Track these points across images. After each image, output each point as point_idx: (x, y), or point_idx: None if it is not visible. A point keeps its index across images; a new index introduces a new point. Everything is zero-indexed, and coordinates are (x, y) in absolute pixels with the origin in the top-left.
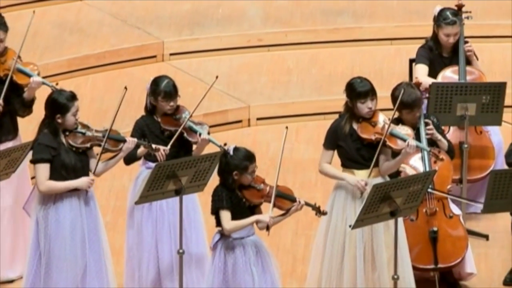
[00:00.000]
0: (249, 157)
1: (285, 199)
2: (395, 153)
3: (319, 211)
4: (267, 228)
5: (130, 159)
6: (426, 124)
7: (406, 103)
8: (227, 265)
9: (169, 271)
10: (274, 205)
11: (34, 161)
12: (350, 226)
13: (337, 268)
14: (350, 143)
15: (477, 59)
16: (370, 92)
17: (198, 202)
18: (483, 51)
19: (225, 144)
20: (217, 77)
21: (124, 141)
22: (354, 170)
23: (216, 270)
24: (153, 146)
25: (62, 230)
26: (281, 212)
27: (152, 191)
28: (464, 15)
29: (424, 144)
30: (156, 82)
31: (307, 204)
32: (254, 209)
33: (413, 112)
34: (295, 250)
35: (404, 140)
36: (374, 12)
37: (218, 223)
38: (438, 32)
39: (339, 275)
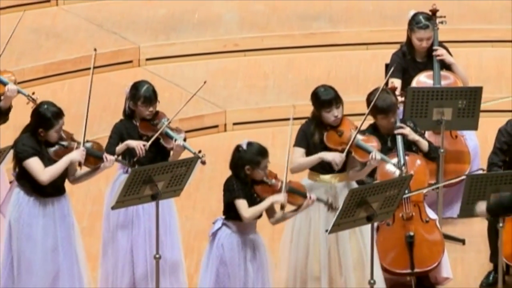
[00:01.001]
0: (262, 152)
1: (296, 194)
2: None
3: (331, 207)
4: (282, 207)
5: None
6: (401, 126)
7: (381, 108)
8: (225, 255)
9: (144, 276)
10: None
11: (23, 158)
12: (326, 230)
13: (302, 272)
14: (319, 151)
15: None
16: (334, 101)
17: (174, 208)
18: (459, 55)
19: (199, 152)
20: (205, 82)
21: (103, 159)
22: (320, 175)
23: (214, 258)
24: (132, 162)
25: (34, 234)
26: (293, 207)
27: (129, 196)
28: (438, 20)
29: (400, 150)
30: (136, 87)
31: (318, 199)
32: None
33: (388, 118)
34: (272, 256)
35: (369, 152)
36: (350, 17)
37: (227, 214)
38: (411, 36)
39: (304, 279)
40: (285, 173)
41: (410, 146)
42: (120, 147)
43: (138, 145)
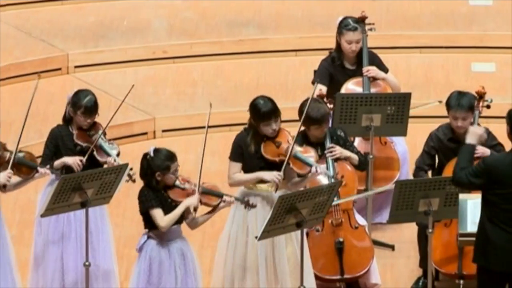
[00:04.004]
0: (170, 156)
1: (211, 195)
2: None
3: (248, 205)
4: (194, 209)
5: None
6: (331, 147)
7: (314, 119)
8: (152, 267)
9: (74, 283)
10: (201, 203)
11: None
12: (256, 237)
13: (239, 279)
14: (255, 161)
15: (387, 70)
16: (273, 114)
17: (107, 215)
18: (387, 61)
19: (131, 169)
20: (133, 85)
21: (35, 169)
22: (257, 184)
23: (141, 272)
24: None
25: None
26: (208, 209)
27: (58, 204)
28: (367, 27)
29: (330, 162)
30: (78, 95)
31: (236, 198)
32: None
33: (322, 127)
34: (201, 263)
35: (309, 165)
36: (279, 24)
37: (146, 224)
38: (340, 40)
39: (242, 286)
40: (198, 175)
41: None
42: (57, 164)
43: (75, 162)
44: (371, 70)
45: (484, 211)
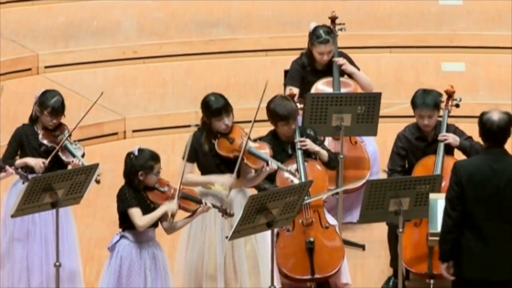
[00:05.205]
0: (154, 157)
1: (190, 200)
2: None
3: (225, 213)
4: (172, 215)
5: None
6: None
7: (282, 116)
8: (123, 267)
9: (39, 283)
10: (180, 207)
11: None
12: (226, 237)
13: (198, 278)
14: (210, 158)
15: (359, 69)
16: (225, 109)
17: (72, 215)
18: (357, 61)
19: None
20: (102, 93)
21: (3, 168)
22: (214, 185)
23: (112, 271)
24: (28, 177)
25: None
26: (187, 214)
27: (28, 204)
28: (337, 27)
29: (300, 157)
30: (46, 95)
31: (213, 206)
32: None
33: (289, 124)
34: (173, 264)
35: (263, 159)
36: (249, 24)
37: (122, 224)
38: (312, 49)
39: (200, 283)
40: (179, 179)
41: (310, 153)
42: (19, 163)
43: (38, 164)
44: (341, 60)
45: None
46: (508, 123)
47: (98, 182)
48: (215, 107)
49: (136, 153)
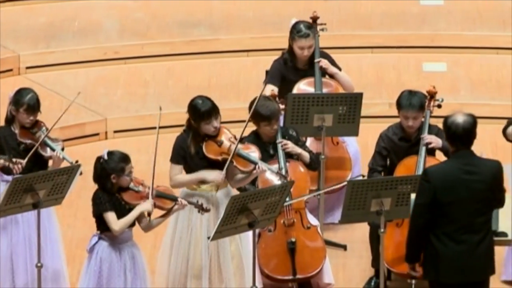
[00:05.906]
0: (124, 158)
1: (165, 198)
2: None
3: (202, 208)
4: (148, 214)
5: None
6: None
7: (264, 116)
8: (103, 268)
9: (24, 284)
10: (155, 206)
11: None
12: (208, 238)
13: (183, 279)
14: (198, 161)
15: (340, 69)
16: (213, 112)
17: (55, 215)
18: (339, 61)
19: (76, 161)
20: (79, 93)
21: None
22: (200, 184)
23: (91, 272)
24: (13, 160)
25: None
26: (162, 213)
27: (10, 205)
28: (319, 27)
29: (281, 157)
30: (20, 93)
31: (189, 202)
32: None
33: (271, 124)
34: (153, 264)
35: (253, 162)
36: (230, 24)
37: (99, 226)
38: (292, 44)
39: (184, 284)
40: (151, 178)
41: (292, 154)
42: None
43: (15, 166)
44: (323, 60)
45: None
46: (473, 125)
47: (80, 173)
48: (203, 110)
49: (106, 156)
